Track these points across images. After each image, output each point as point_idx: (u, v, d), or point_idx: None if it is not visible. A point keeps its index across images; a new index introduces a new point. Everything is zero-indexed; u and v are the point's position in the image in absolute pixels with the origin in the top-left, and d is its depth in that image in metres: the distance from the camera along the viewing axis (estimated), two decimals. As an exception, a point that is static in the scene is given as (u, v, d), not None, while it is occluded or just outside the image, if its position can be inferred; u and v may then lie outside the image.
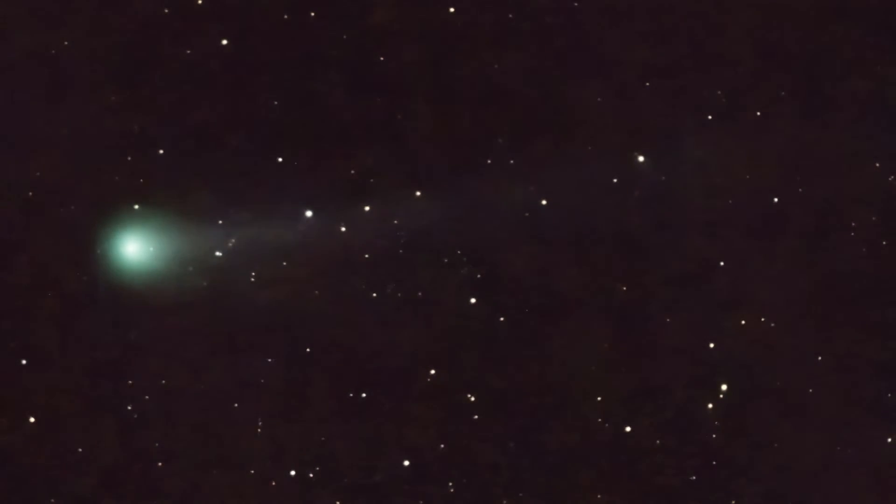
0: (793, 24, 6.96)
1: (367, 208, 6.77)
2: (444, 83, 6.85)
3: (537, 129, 6.87)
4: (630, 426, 6.89)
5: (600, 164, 6.85)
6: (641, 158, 6.87)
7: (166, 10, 6.74)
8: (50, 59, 6.71)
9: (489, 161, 6.83)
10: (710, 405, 6.92)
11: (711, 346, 6.92)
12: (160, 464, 6.72)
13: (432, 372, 6.85)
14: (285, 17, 6.81)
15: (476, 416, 6.86)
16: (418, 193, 6.78)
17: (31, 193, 6.69)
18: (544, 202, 6.84)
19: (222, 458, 6.75)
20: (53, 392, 6.68)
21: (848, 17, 6.97)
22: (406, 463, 6.82)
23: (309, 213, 6.74)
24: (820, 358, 6.96)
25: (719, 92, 6.92)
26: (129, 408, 6.72)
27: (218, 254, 6.73)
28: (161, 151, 6.73)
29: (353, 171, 6.79)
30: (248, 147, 6.76)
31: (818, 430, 6.95)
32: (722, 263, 6.93)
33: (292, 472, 6.79)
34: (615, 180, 6.86)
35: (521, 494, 6.85)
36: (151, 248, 6.70)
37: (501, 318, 6.88)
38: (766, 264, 6.94)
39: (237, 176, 6.75)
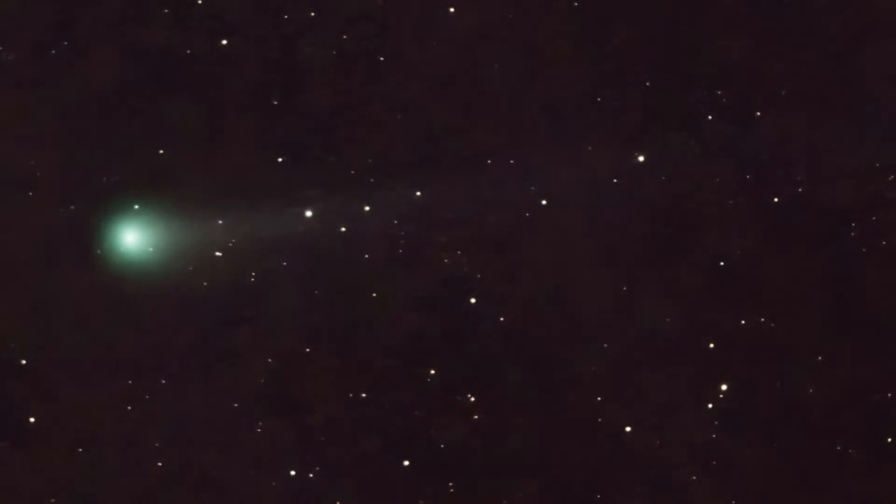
0: (792, 22, 6.96)
1: (367, 208, 6.78)
2: (443, 82, 6.86)
3: (537, 129, 6.87)
4: (630, 426, 6.89)
5: (600, 164, 6.85)
6: (641, 158, 6.87)
7: (166, 11, 6.75)
8: (50, 59, 6.71)
9: (489, 161, 6.84)
10: (710, 405, 6.92)
11: (711, 346, 6.93)
12: (160, 464, 6.73)
13: (432, 372, 6.85)
14: (285, 17, 6.81)
15: (476, 416, 6.86)
16: (418, 193, 6.79)
17: (31, 193, 6.70)
18: (544, 202, 6.84)
19: (222, 458, 6.75)
20: (53, 392, 6.69)
21: (847, 16, 6.97)
22: (406, 463, 6.82)
23: (309, 213, 6.74)
24: (820, 358, 6.96)
25: (719, 92, 6.92)
26: (129, 408, 6.73)
27: (218, 254, 6.73)
28: (161, 151, 6.73)
29: (353, 172, 6.80)
30: (249, 147, 6.77)
31: (818, 430, 6.95)
32: (722, 264, 6.93)
33: (292, 472, 6.79)
34: (615, 180, 6.86)
35: (520, 495, 6.86)
36: (151, 248, 6.71)
37: (501, 318, 6.88)
38: (765, 264, 6.94)
39: (237, 176, 6.75)
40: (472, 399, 6.86)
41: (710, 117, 6.92)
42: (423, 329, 6.84)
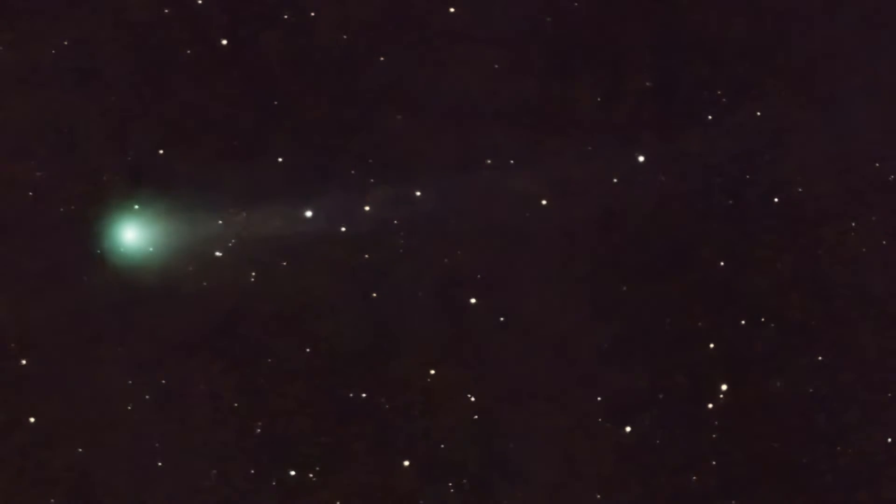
0: (792, 22, 6.97)
1: (367, 208, 6.78)
2: (443, 83, 6.86)
3: (537, 128, 6.88)
4: (630, 426, 6.89)
5: (600, 164, 6.86)
6: (641, 158, 6.87)
7: (166, 10, 6.75)
8: (50, 59, 6.71)
9: (489, 161, 6.84)
10: (710, 405, 6.92)
11: (711, 346, 6.93)
12: (160, 463, 6.73)
13: (432, 372, 6.85)
14: (285, 17, 6.81)
15: (477, 416, 6.86)
16: (418, 193, 6.79)
17: (31, 193, 6.70)
18: (544, 202, 6.85)
19: (222, 458, 6.75)
20: (53, 392, 6.69)
21: (847, 16, 6.98)
22: (406, 463, 6.82)
23: (309, 213, 6.74)
24: (820, 358, 6.96)
25: (719, 92, 6.93)
26: (129, 407, 6.73)
27: (218, 254, 6.73)
28: (162, 151, 6.73)
29: (353, 171, 6.80)
30: (249, 147, 6.77)
31: (818, 430, 6.95)
32: (722, 263, 6.94)
33: (292, 472, 6.79)
34: (615, 180, 6.87)
35: (520, 495, 6.86)
36: (151, 248, 6.71)
37: (501, 319, 6.88)
38: (766, 264, 6.95)
39: (237, 176, 6.75)
40: (472, 399, 6.86)
41: (710, 117, 6.92)
42: (423, 329, 6.84)
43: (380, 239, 6.81)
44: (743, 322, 6.94)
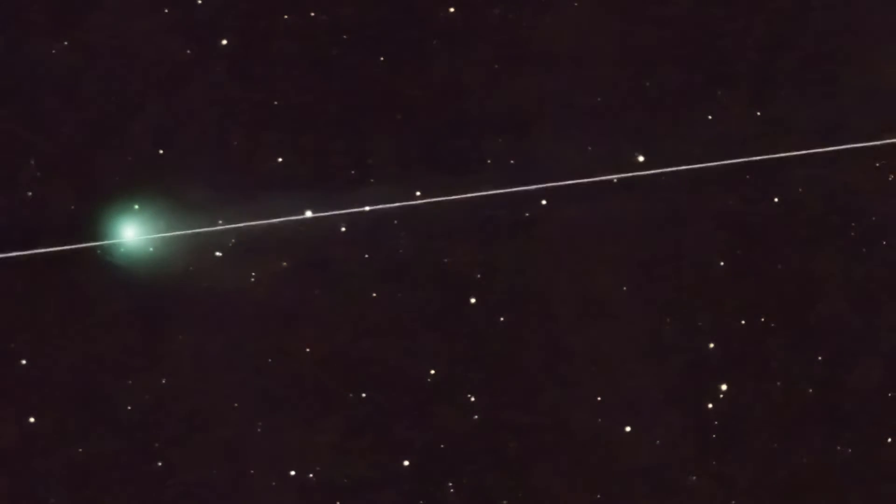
0: (790, 21, 6.97)
1: (367, 208, 6.77)
2: (443, 83, 6.86)
3: (537, 128, 6.87)
4: (630, 426, 6.89)
5: (600, 164, 6.85)
6: (641, 158, 6.87)
7: (166, 10, 6.75)
8: (49, 60, 6.71)
9: (489, 161, 6.84)
10: (710, 405, 6.92)
11: (711, 346, 6.93)
12: (160, 464, 6.73)
13: (432, 372, 6.85)
14: (285, 17, 6.81)
15: (476, 416, 6.86)
16: (418, 193, 6.79)
17: (30, 193, 6.70)
18: (544, 202, 6.84)
19: (222, 458, 6.75)
20: (53, 392, 6.69)
21: (847, 16, 6.97)
22: (406, 463, 6.82)
23: (309, 213, 6.74)
24: (820, 358, 6.96)
25: (719, 92, 6.92)
26: (130, 408, 6.72)
27: (218, 254, 6.73)
28: (161, 151, 6.73)
29: (353, 172, 6.79)
30: (249, 147, 6.77)
31: (818, 430, 6.95)
32: (722, 263, 6.93)
33: (292, 472, 6.79)
34: (615, 180, 6.86)
35: (520, 495, 6.85)
36: (151, 249, 6.71)
37: (501, 318, 6.88)
38: (765, 264, 6.94)
39: (237, 176, 6.75)
40: (472, 399, 6.86)
41: (710, 117, 6.92)
42: (423, 329, 6.84)
43: (380, 239, 6.80)
44: (743, 322, 6.94)
